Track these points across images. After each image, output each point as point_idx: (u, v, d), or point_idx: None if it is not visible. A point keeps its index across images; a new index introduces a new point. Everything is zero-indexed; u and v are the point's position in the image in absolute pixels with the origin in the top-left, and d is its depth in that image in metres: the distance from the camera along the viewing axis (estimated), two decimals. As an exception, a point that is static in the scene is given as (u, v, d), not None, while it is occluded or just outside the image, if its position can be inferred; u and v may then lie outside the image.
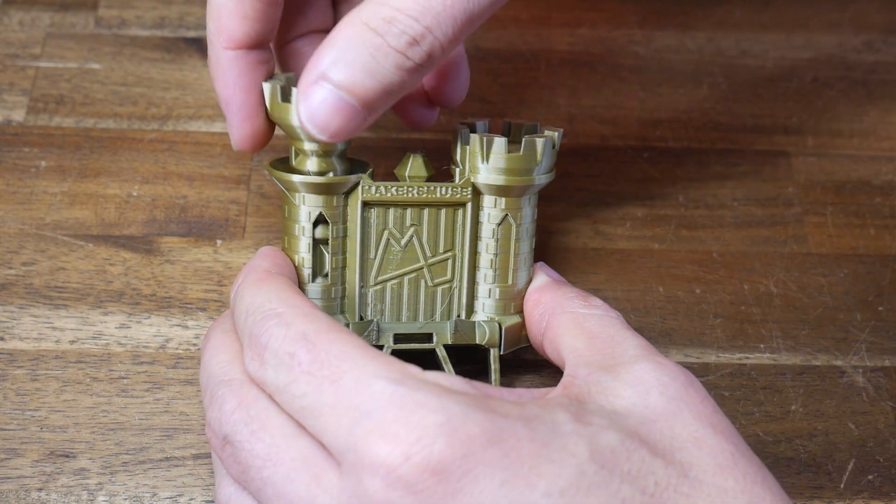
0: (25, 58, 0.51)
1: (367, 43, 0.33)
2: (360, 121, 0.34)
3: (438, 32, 0.33)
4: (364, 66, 0.33)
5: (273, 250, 0.38)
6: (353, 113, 0.34)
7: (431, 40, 0.33)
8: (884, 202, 0.49)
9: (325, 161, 0.38)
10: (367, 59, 0.33)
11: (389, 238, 0.39)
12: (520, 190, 0.39)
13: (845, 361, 0.44)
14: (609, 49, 0.54)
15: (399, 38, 0.33)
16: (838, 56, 0.55)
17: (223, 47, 0.37)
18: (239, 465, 0.32)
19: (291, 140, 0.39)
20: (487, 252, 0.40)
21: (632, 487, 0.29)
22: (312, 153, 0.38)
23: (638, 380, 0.33)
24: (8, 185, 0.46)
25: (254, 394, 0.33)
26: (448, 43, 0.34)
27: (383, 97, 0.34)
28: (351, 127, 0.34)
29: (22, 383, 0.41)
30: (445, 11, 0.33)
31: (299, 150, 0.38)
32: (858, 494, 0.40)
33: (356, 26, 0.33)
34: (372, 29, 0.33)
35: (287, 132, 0.38)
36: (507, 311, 0.40)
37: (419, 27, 0.33)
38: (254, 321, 0.33)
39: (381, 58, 0.33)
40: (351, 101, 0.34)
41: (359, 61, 0.33)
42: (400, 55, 0.33)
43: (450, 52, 0.34)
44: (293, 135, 0.38)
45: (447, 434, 0.29)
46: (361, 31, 0.33)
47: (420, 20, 0.33)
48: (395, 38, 0.33)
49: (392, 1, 0.33)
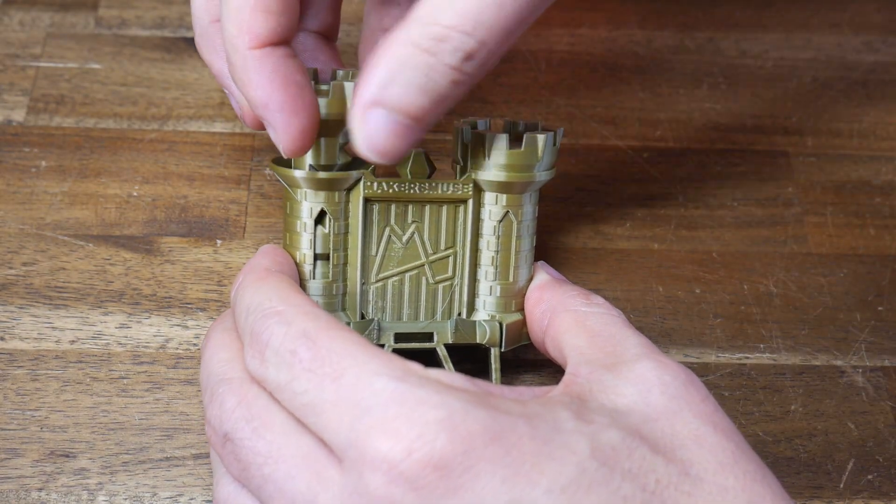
0: (25, 58, 0.51)
1: (421, 63, 0.32)
2: (416, 137, 0.34)
3: (491, 43, 0.33)
4: (419, 87, 0.33)
5: (274, 248, 0.38)
6: (409, 132, 0.34)
7: (485, 52, 0.33)
8: (884, 202, 0.49)
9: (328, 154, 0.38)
10: (423, 79, 0.33)
11: (391, 235, 0.39)
12: (521, 186, 0.39)
13: (845, 361, 0.44)
14: (609, 49, 0.54)
15: (454, 55, 0.32)
16: (838, 56, 0.55)
17: (250, 48, 0.35)
18: (239, 463, 0.32)
19: None
20: (489, 249, 0.40)
21: (633, 485, 0.29)
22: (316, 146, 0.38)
23: (639, 378, 0.33)
24: (8, 185, 0.46)
25: (254, 391, 0.33)
26: (500, 50, 0.33)
27: (438, 112, 0.34)
28: (408, 145, 0.34)
29: (22, 383, 0.41)
30: (498, 22, 0.32)
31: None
32: (858, 494, 0.40)
33: (406, 47, 0.32)
34: (425, 50, 0.32)
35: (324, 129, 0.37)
36: (508, 308, 0.40)
37: (472, 42, 0.32)
38: (254, 319, 0.33)
39: (437, 77, 0.33)
40: (407, 122, 0.33)
41: (414, 82, 0.33)
42: (455, 71, 0.33)
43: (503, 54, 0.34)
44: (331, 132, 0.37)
45: (449, 430, 0.29)
46: (413, 52, 0.32)
47: (473, 34, 0.32)
48: (449, 56, 0.32)
49: (441, 19, 0.32)
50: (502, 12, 0.32)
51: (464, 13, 0.32)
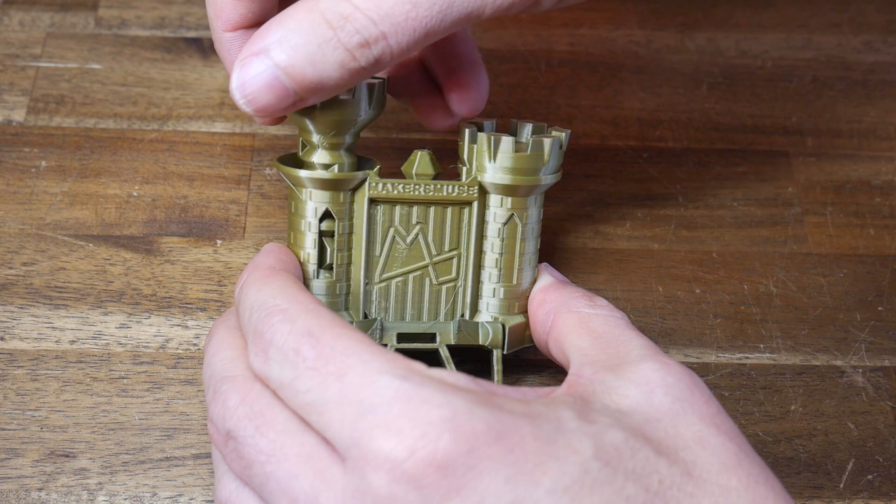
0: (25, 58, 0.51)
1: (318, 33, 0.33)
2: (288, 104, 0.34)
3: (393, 40, 0.33)
4: (308, 54, 0.33)
5: (277, 246, 0.38)
6: (283, 94, 0.34)
7: (384, 46, 0.33)
8: (883, 202, 0.49)
9: (333, 154, 0.38)
10: (313, 48, 0.33)
11: (395, 235, 0.39)
12: (526, 190, 0.39)
13: (845, 361, 0.44)
14: (609, 49, 0.54)
15: (351, 36, 0.33)
16: (838, 56, 0.55)
17: (222, 30, 0.38)
18: (242, 461, 0.32)
19: (300, 132, 0.39)
20: (493, 251, 0.40)
21: (636, 486, 0.29)
22: (320, 145, 0.38)
23: (643, 379, 0.33)
24: (8, 185, 0.46)
25: (258, 389, 0.33)
26: (400, 53, 0.33)
27: (317, 89, 0.34)
28: (277, 107, 0.34)
29: (22, 383, 0.41)
30: (406, 22, 0.33)
31: (307, 141, 0.38)
32: (858, 494, 0.40)
33: (311, 13, 0.33)
34: (327, 21, 0.33)
35: (293, 121, 0.38)
36: (512, 310, 0.40)
37: (375, 30, 0.33)
38: (258, 318, 0.33)
39: (329, 51, 0.33)
40: (285, 83, 0.34)
41: (304, 47, 0.33)
42: (347, 53, 0.33)
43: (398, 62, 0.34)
44: (300, 125, 0.38)
45: (452, 429, 0.29)
46: (315, 19, 0.33)
47: (378, 24, 0.33)
48: (347, 36, 0.33)
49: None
50: (413, 13, 0.32)
51: (377, 1, 0.32)
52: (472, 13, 0.33)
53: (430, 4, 0.32)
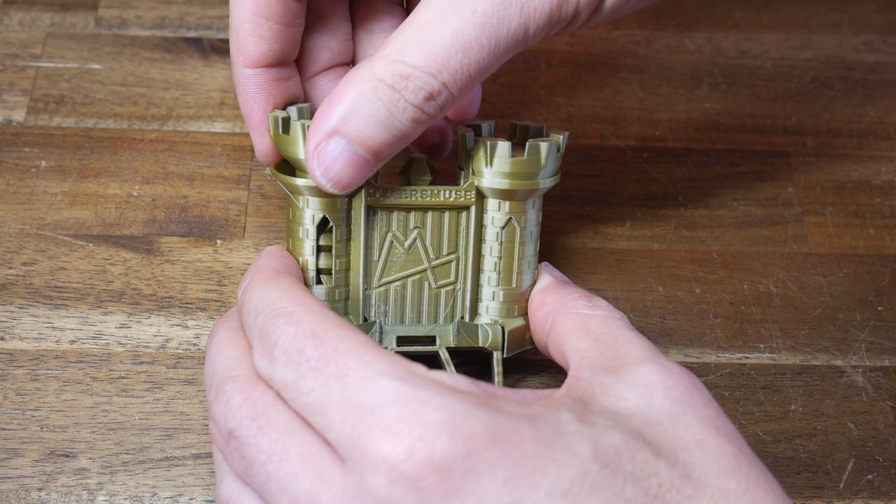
0: (25, 58, 0.51)
1: (384, 98, 0.34)
2: (371, 170, 0.36)
3: (454, 88, 0.34)
4: (380, 121, 0.34)
5: (279, 250, 0.39)
6: (365, 164, 0.35)
7: (446, 95, 0.34)
8: (883, 202, 0.49)
9: None
10: (384, 113, 0.34)
11: (393, 241, 0.39)
12: (524, 194, 0.39)
13: (845, 361, 0.44)
14: (609, 49, 0.54)
15: (416, 94, 0.34)
16: (838, 56, 0.55)
17: (242, 66, 0.38)
18: (243, 461, 0.32)
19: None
20: (491, 255, 0.39)
21: (635, 488, 0.29)
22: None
23: (642, 381, 0.33)
24: (8, 185, 0.46)
25: (261, 389, 0.33)
26: (460, 95, 0.35)
27: (395, 147, 0.35)
28: (362, 177, 0.36)
29: (22, 383, 0.41)
30: (462, 69, 0.34)
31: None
32: (858, 494, 0.40)
33: (371, 81, 0.34)
34: (389, 85, 0.34)
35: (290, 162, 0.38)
36: (511, 313, 0.40)
37: (436, 83, 0.34)
38: (264, 319, 0.33)
39: (398, 112, 0.34)
40: (364, 154, 0.35)
41: (374, 116, 0.34)
42: (416, 109, 0.34)
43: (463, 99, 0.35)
44: (296, 165, 0.38)
45: (450, 431, 0.29)
46: (377, 86, 0.34)
47: (437, 77, 0.34)
48: (412, 95, 0.34)
49: (408, 58, 0.34)
50: (466, 60, 0.34)
51: (431, 56, 0.33)
52: (518, 43, 0.34)
53: (479, 48, 0.34)
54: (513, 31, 0.34)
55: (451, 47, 0.33)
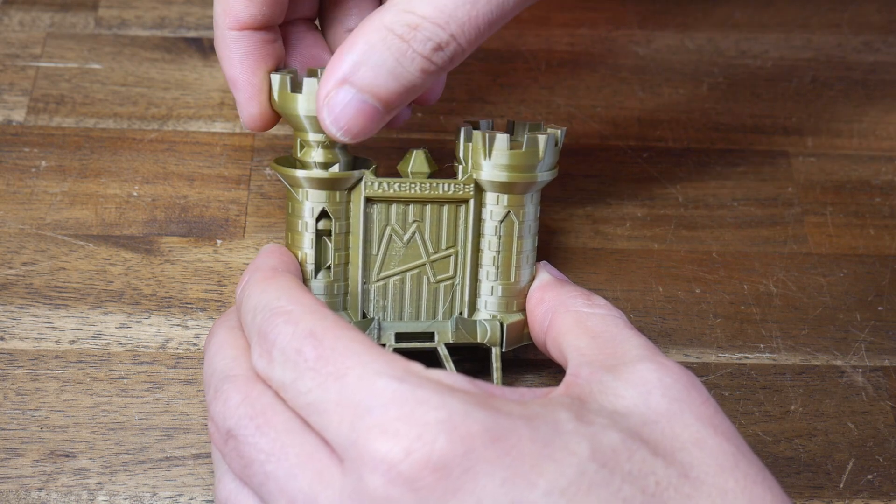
0: (25, 58, 0.51)
1: (393, 48, 0.34)
2: (381, 120, 0.36)
3: (462, 39, 0.34)
4: (389, 70, 0.34)
5: (277, 247, 0.39)
6: (375, 114, 0.35)
7: (455, 46, 0.34)
8: (883, 202, 0.49)
9: (330, 152, 0.38)
10: (392, 63, 0.34)
11: (392, 234, 0.39)
12: (522, 187, 0.39)
13: (845, 361, 0.44)
14: (609, 49, 0.54)
15: (425, 44, 0.34)
16: (838, 56, 0.55)
17: (228, 28, 0.38)
18: (242, 460, 0.32)
19: (295, 131, 0.39)
20: (490, 249, 0.40)
21: (633, 487, 0.29)
22: (317, 144, 0.38)
23: (640, 380, 0.33)
24: (8, 185, 0.46)
25: (259, 389, 0.33)
26: (469, 47, 0.35)
27: (405, 97, 0.35)
28: (373, 127, 0.36)
29: (22, 383, 0.41)
30: (470, 20, 0.34)
31: (304, 141, 0.38)
32: (858, 494, 0.40)
33: (380, 31, 0.34)
34: (398, 35, 0.34)
35: (292, 123, 0.38)
36: (510, 308, 0.40)
37: (444, 34, 0.34)
38: (262, 319, 0.33)
39: (407, 62, 0.34)
40: (374, 104, 0.35)
41: (384, 65, 0.34)
42: (425, 60, 0.34)
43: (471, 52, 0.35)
44: (298, 126, 0.38)
45: (448, 431, 0.29)
46: (386, 36, 0.34)
47: (445, 28, 0.34)
48: (420, 44, 0.34)
49: (417, 8, 0.34)
50: (474, 11, 0.34)
51: (440, 6, 0.34)
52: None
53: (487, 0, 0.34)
54: None
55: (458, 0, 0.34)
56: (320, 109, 0.35)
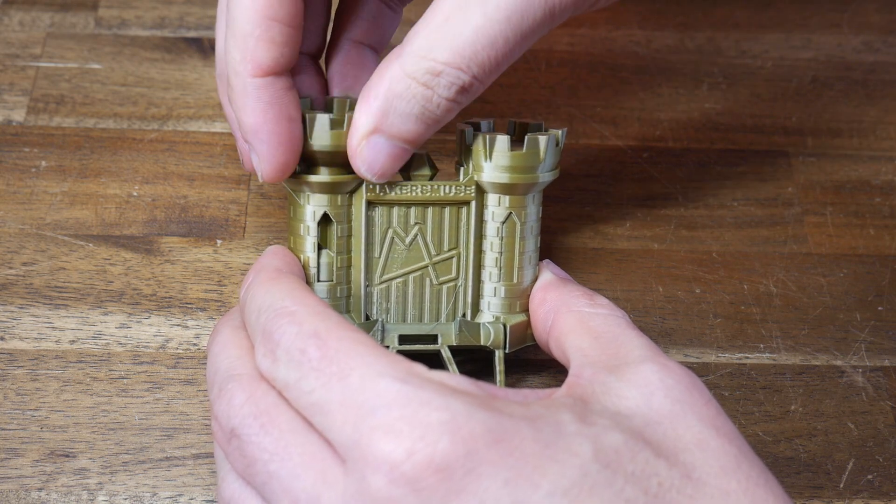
0: (25, 58, 0.51)
1: (418, 95, 0.35)
2: (409, 154, 0.37)
3: (484, 77, 0.35)
4: (415, 116, 0.35)
5: (282, 249, 0.39)
6: (405, 154, 0.37)
7: (478, 85, 0.35)
8: (883, 202, 0.49)
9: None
10: (419, 109, 0.35)
11: (394, 237, 0.39)
12: (524, 188, 0.39)
13: (845, 361, 0.44)
14: (609, 49, 0.54)
15: (449, 89, 0.35)
16: (838, 56, 0.55)
17: (251, 75, 0.36)
18: (245, 459, 0.32)
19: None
20: (492, 251, 0.40)
21: (635, 488, 0.29)
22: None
23: (642, 381, 0.33)
24: (8, 185, 0.46)
25: (263, 388, 0.33)
26: (490, 81, 0.35)
27: (431, 132, 0.36)
28: (402, 162, 0.37)
29: (22, 383, 0.41)
30: (490, 60, 0.34)
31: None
32: (858, 494, 0.40)
33: (403, 81, 0.35)
34: (421, 84, 0.35)
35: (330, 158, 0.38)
36: (513, 309, 0.40)
37: (467, 77, 0.34)
38: (267, 319, 0.33)
39: (433, 108, 0.35)
40: (403, 147, 0.36)
41: (410, 113, 0.35)
42: (450, 102, 0.35)
43: None
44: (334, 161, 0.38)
45: (451, 432, 0.29)
46: (409, 85, 0.35)
47: (467, 71, 0.34)
48: (445, 90, 0.35)
49: (437, 55, 0.34)
50: (494, 51, 0.34)
51: (459, 51, 0.34)
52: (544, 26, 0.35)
53: (505, 40, 0.34)
54: (538, 17, 0.34)
55: (477, 42, 0.34)
56: (353, 157, 0.37)
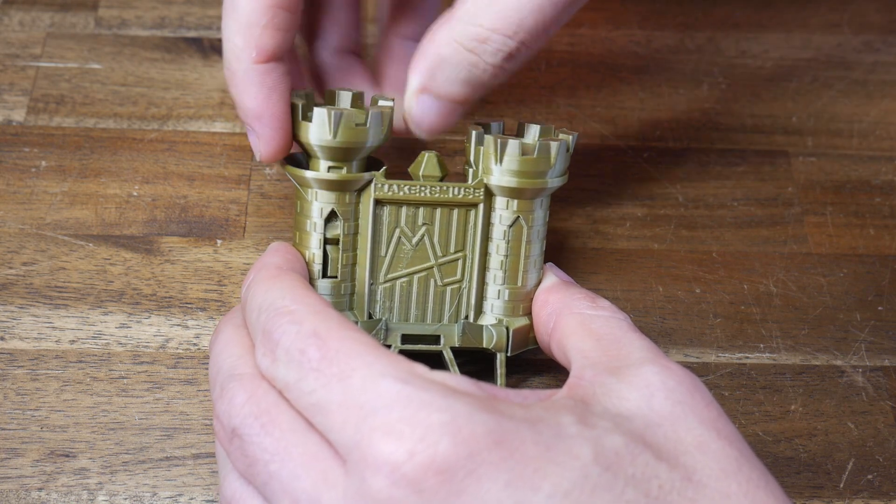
0: (25, 58, 0.51)
1: (465, 61, 0.36)
2: (460, 113, 0.38)
3: (531, 43, 0.35)
4: (462, 80, 0.36)
5: (284, 245, 0.39)
6: (452, 112, 0.38)
7: (524, 51, 0.36)
8: (883, 202, 0.49)
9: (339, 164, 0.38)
10: (465, 73, 0.36)
11: (401, 236, 0.39)
12: (532, 192, 0.39)
13: (845, 361, 0.44)
14: (609, 49, 0.54)
15: (495, 55, 0.35)
16: (838, 56, 0.55)
17: (254, 61, 0.37)
18: (246, 459, 0.32)
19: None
20: (498, 253, 0.40)
21: (636, 491, 0.29)
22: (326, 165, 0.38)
23: (643, 383, 0.33)
24: (8, 185, 0.46)
25: (264, 388, 0.33)
26: (538, 46, 0.36)
27: (479, 95, 0.37)
28: (453, 120, 0.38)
29: (22, 383, 0.41)
30: (537, 25, 0.35)
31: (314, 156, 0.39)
32: (858, 494, 0.40)
33: (451, 45, 0.36)
34: (469, 50, 0.35)
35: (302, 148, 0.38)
36: (516, 312, 0.40)
37: (513, 43, 0.35)
38: (266, 318, 0.33)
39: (479, 72, 0.36)
40: (451, 106, 0.37)
41: (457, 77, 0.36)
42: (495, 68, 0.36)
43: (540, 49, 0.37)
44: (310, 151, 0.38)
45: (452, 433, 0.29)
46: (457, 49, 0.36)
47: (514, 37, 0.35)
48: (491, 56, 0.35)
49: (484, 21, 0.35)
50: (541, 16, 0.35)
51: (505, 16, 0.35)
52: None
53: (552, 5, 0.35)
54: None
55: (523, 8, 0.34)
56: (406, 115, 0.38)
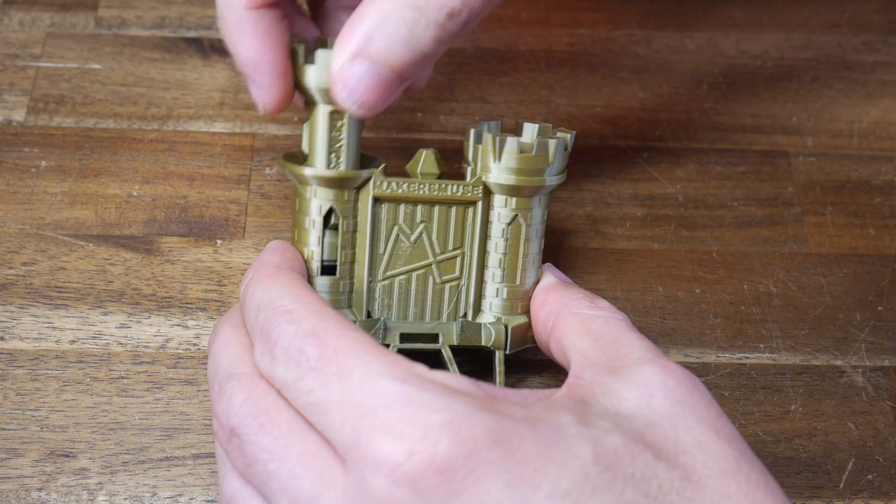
0: (25, 58, 0.51)
1: (407, 18, 0.34)
2: (396, 91, 0.35)
3: (475, 4, 0.34)
4: (403, 40, 0.34)
5: (282, 244, 0.38)
6: (390, 85, 0.35)
7: (469, 11, 0.34)
8: (883, 202, 0.49)
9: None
10: (406, 33, 0.34)
11: (399, 234, 0.39)
12: (531, 190, 0.39)
13: (845, 361, 0.44)
14: (609, 49, 0.54)
15: (439, 11, 0.34)
16: (838, 56, 0.55)
17: (246, 7, 0.36)
18: (245, 458, 0.32)
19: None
20: (496, 251, 0.40)
21: (635, 490, 0.29)
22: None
23: (643, 382, 0.33)
24: (8, 185, 0.46)
25: (263, 387, 0.33)
26: (482, 10, 0.34)
27: (418, 67, 0.35)
28: (388, 98, 0.35)
29: (22, 383, 0.41)
30: None
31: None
32: (858, 494, 0.40)
33: (392, 1, 0.34)
34: (410, 5, 0.33)
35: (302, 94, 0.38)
36: (514, 310, 0.40)
37: (457, 1, 0.34)
38: (265, 317, 0.33)
39: (420, 31, 0.34)
40: (389, 75, 0.35)
41: (397, 35, 0.34)
42: (438, 27, 0.34)
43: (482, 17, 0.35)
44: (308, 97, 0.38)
45: (451, 433, 0.29)
46: (399, 5, 0.33)
47: None
48: (434, 12, 0.34)
49: None
50: None
51: None
52: None
53: None
54: None
55: None
56: (334, 83, 0.35)
